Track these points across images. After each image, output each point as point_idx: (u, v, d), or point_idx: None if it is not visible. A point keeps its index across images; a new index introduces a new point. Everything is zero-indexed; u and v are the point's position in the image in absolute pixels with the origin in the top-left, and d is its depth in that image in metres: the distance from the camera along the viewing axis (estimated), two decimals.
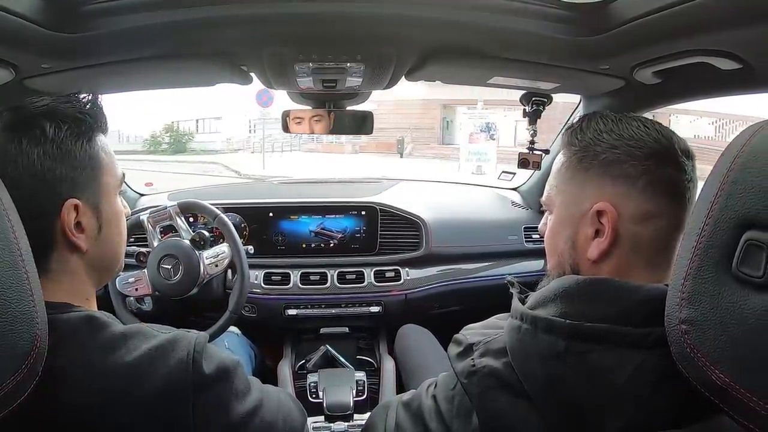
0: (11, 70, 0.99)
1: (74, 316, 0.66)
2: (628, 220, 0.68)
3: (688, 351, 0.49)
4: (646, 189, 0.67)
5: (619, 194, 0.68)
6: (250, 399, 0.76)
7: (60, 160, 0.70)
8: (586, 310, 0.64)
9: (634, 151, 0.68)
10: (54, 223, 0.70)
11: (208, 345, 0.72)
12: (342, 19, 0.97)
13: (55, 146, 0.69)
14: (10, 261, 0.53)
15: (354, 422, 1.55)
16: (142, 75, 1.24)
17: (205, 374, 0.68)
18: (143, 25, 0.96)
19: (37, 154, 0.68)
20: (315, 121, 1.56)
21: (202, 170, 18.45)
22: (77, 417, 0.62)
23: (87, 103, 0.75)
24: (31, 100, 0.71)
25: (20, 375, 0.51)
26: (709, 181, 0.51)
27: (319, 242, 1.98)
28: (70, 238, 0.70)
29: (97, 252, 0.75)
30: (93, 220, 0.74)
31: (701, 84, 1.13)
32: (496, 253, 2.09)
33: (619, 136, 0.70)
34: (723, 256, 0.47)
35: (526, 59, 1.16)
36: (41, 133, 0.69)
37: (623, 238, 0.68)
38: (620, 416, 0.58)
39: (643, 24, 0.88)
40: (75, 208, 0.71)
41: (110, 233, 0.78)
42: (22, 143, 0.68)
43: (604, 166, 0.70)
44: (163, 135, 29.33)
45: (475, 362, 0.70)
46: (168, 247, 1.48)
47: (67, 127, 0.71)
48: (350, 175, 8.61)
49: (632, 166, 0.68)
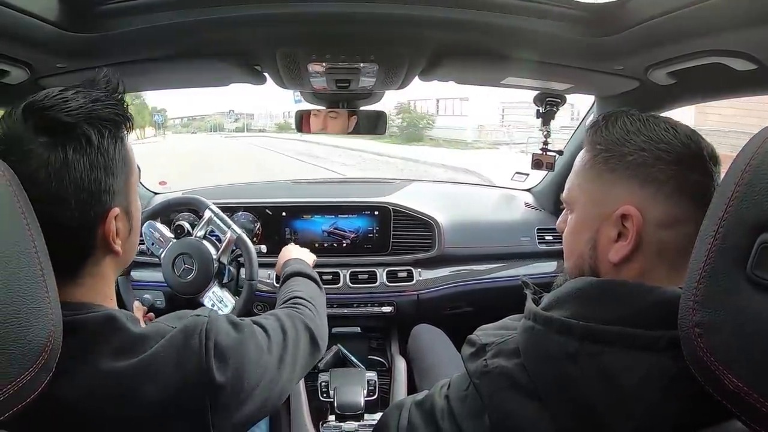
0: (26, 70, 1.01)
1: (94, 317, 0.66)
2: (652, 225, 0.66)
3: (701, 354, 0.48)
4: (673, 194, 0.66)
5: (646, 198, 0.67)
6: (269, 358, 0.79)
7: (104, 169, 0.67)
8: (599, 311, 0.63)
9: (663, 154, 0.66)
10: (96, 233, 0.68)
11: (217, 325, 0.72)
12: (355, 20, 0.98)
13: (100, 155, 0.66)
14: (26, 258, 0.54)
15: (365, 422, 1.56)
16: (155, 75, 1.26)
17: (213, 367, 0.67)
18: (157, 25, 0.97)
19: (84, 166, 0.64)
20: (330, 120, 1.57)
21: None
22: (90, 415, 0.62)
23: (115, 100, 0.70)
24: (55, 99, 0.64)
25: (34, 371, 0.52)
26: (724, 184, 0.51)
27: (332, 242, 1.99)
28: (112, 245, 0.69)
29: (126, 252, 0.74)
30: (126, 224, 0.73)
31: (716, 85, 1.12)
32: (508, 254, 2.08)
33: (648, 138, 0.68)
34: (737, 259, 0.47)
35: (540, 60, 1.16)
36: (87, 143, 0.65)
37: (647, 243, 0.67)
38: (630, 419, 0.58)
39: (657, 24, 0.88)
40: (115, 217, 0.69)
41: (135, 233, 0.77)
42: (67, 153, 0.63)
43: (632, 168, 0.68)
44: (394, 117, 22.12)
45: (488, 363, 0.69)
46: (184, 246, 1.50)
47: (108, 132, 0.67)
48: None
49: (660, 170, 0.66)
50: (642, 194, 0.67)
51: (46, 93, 0.65)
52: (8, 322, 0.49)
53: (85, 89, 0.68)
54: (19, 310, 0.51)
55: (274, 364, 0.80)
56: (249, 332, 0.77)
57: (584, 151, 0.75)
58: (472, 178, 10.94)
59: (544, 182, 2.24)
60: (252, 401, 0.74)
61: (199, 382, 0.66)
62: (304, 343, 0.92)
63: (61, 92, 0.66)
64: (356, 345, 2.00)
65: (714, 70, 0.95)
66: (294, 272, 1.26)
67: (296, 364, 0.87)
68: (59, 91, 0.66)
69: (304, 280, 1.23)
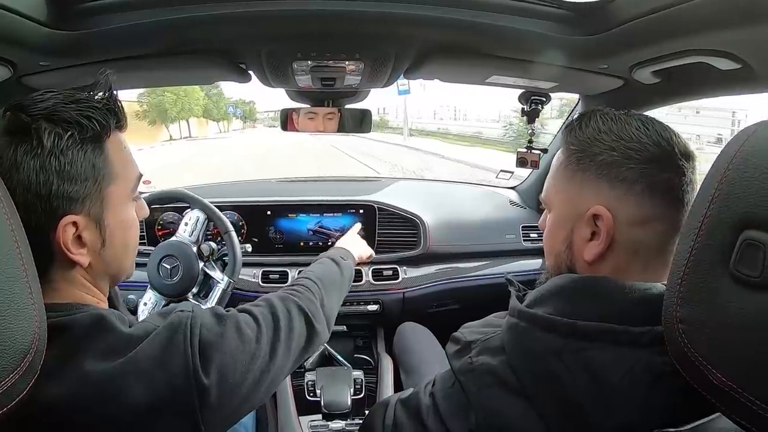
0: (9, 68, 0.99)
1: (81, 318, 0.64)
2: (624, 224, 0.67)
3: (686, 350, 0.49)
4: (644, 193, 0.66)
5: (616, 197, 0.67)
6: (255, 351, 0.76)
7: (58, 174, 0.63)
8: (583, 308, 0.64)
9: (633, 153, 0.67)
10: (51, 238, 0.65)
11: (201, 320, 0.70)
12: (340, 18, 0.97)
13: (53, 158, 0.63)
14: (9, 259, 0.53)
15: (352, 421, 1.56)
16: (140, 72, 1.24)
17: (203, 378, 0.66)
18: (141, 22, 0.96)
19: (33, 167, 0.62)
20: (315, 119, 1.56)
21: None
22: (76, 417, 0.61)
23: (102, 99, 0.69)
24: (34, 98, 0.64)
25: (19, 373, 0.51)
26: (707, 181, 0.51)
27: (317, 240, 1.98)
28: (68, 255, 0.66)
29: (101, 264, 0.71)
30: (96, 234, 0.69)
31: (700, 84, 1.13)
32: (494, 251, 2.10)
33: (618, 137, 0.68)
34: (721, 255, 0.47)
35: (525, 58, 1.16)
36: (38, 144, 0.62)
37: (619, 242, 0.67)
38: (616, 415, 0.58)
39: (642, 24, 0.88)
40: (74, 225, 0.65)
41: (115, 245, 0.72)
42: (18, 153, 0.62)
43: (602, 168, 0.68)
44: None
45: (472, 360, 0.70)
46: (169, 248, 1.49)
47: (69, 135, 0.64)
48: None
49: (630, 169, 0.66)
50: (612, 194, 0.67)
51: (34, 93, 0.65)
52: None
53: (77, 91, 0.67)
54: (2, 312, 0.50)
55: (265, 352, 0.77)
56: (233, 323, 0.74)
57: (560, 151, 0.76)
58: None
59: (529, 180, 2.26)
60: (240, 394, 0.72)
61: (187, 383, 0.65)
62: (300, 327, 0.87)
63: (45, 93, 0.65)
64: (342, 343, 2.01)
65: (698, 69, 0.96)
66: (322, 257, 1.22)
67: (290, 349, 0.83)
68: (49, 92, 0.65)
69: (326, 261, 1.18)
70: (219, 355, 0.70)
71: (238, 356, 0.72)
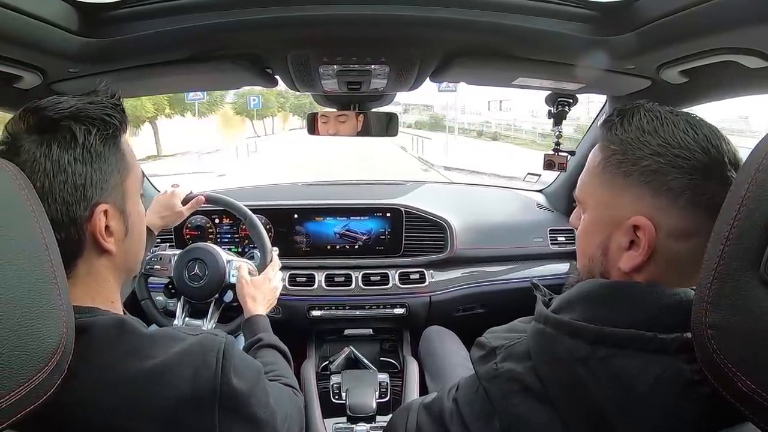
0: (39, 75, 1.02)
1: (103, 320, 0.67)
2: (665, 236, 0.64)
3: (714, 356, 0.48)
4: (688, 206, 0.63)
5: (659, 208, 0.64)
6: (270, 406, 0.79)
7: (91, 165, 0.68)
8: (610, 314, 0.62)
9: (680, 161, 0.63)
10: (84, 229, 0.69)
11: (235, 350, 0.73)
12: (366, 22, 0.98)
13: (85, 150, 0.68)
14: (38, 260, 0.54)
15: (376, 424, 1.56)
16: (167, 78, 1.27)
17: (232, 383, 0.69)
18: (167, 29, 0.98)
19: (68, 160, 0.66)
20: (341, 122, 1.57)
21: None
22: (98, 420, 0.63)
23: (111, 103, 0.73)
24: (51, 101, 0.69)
25: (47, 372, 0.52)
26: (737, 184, 0.50)
27: (344, 244, 1.99)
28: (101, 242, 0.70)
29: (123, 255, 0.75)
30: (120, 224, 0.73)
31: (729, 83, 1.10)
32: (520, 255, 2.07)
33: (664, 141, 0.64)
34: (750, 259, 0.46)
35: (551, 59, 1.15)
36: (71, 138, 0.67)
37: (659, 254, 0.64)
38: (644, 423, 0.57)
39: (668, 23, 0.87)
40: (105, 213, 0.70)
41: (134, 235, 0.77)
42: (52, 148, 0.66)
43: (646, 176, 0.64)
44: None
45: (497, 366, 0.69)
46: (196, 251, 1.47)
47: (96, 130, 0.69)
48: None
49: (676, 179, 0.63)
50: (654, 203, 0.64)
51: (48, 98, 0.69)
52: (22, 323, 0.50)
53: (86, 95, 0.72)
54: (32, 311, 0.51)
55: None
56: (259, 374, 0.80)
57: (597, 148, 0.72)
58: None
59: (556, 183, 2.23)
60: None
61: (212, 390, 0.68)
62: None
63: (59, 97, 0.70)
64: (368, 347, 2.02)
65: (726, 67, 0.94)
66: (265, 344, 1.19)
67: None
68: (62, 96, 0.70)
69: (273, 352, 1.17)
70: (247, 364, 0.75)
71: (260, 385, 0.78)
